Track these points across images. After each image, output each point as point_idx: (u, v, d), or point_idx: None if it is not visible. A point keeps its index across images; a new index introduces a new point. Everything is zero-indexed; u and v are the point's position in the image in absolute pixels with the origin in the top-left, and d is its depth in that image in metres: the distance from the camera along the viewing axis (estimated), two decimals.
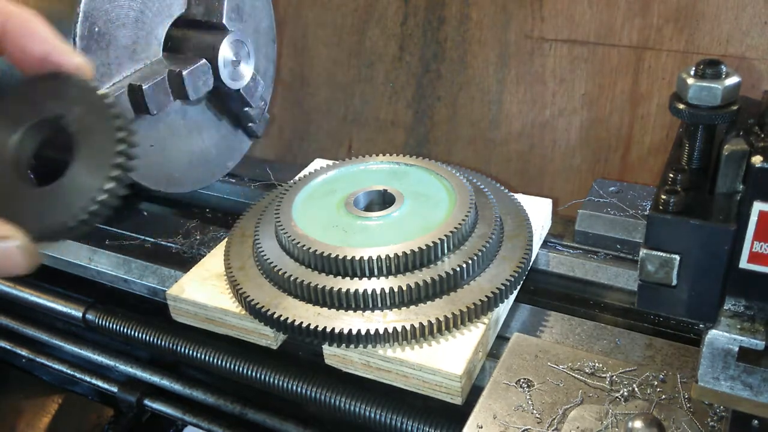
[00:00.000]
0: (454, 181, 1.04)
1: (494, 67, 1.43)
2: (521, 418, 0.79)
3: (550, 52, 1.37)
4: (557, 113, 1.40)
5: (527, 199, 1.13)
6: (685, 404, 0.79)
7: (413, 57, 1.51)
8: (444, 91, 1.50)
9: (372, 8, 1.52)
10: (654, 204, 0.58)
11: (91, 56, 1.02)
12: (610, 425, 0.77)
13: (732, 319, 0.59)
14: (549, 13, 1.35)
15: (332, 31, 1.58)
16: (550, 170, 1.45)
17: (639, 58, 1.30)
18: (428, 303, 0.90)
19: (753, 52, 1.21)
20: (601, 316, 1.03)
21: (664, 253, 0.58)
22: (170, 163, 1.23)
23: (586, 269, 1.09)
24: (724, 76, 0.59)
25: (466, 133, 1.50)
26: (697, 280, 0.59)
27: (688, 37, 1.25)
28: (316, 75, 1.63)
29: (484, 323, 0.90)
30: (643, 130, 1.35)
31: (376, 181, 1.08)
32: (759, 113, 0.59)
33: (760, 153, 0.53)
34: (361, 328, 0.86)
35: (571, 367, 0.85)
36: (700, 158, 0.63)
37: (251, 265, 1.00)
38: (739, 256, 0.56)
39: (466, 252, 0.94)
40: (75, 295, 1.24)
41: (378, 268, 0.90)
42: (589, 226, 1.11)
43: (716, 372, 0.60)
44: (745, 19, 1.20)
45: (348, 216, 1.00)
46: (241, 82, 1.24)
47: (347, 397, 0.97)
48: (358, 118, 1.61)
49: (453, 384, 0.84)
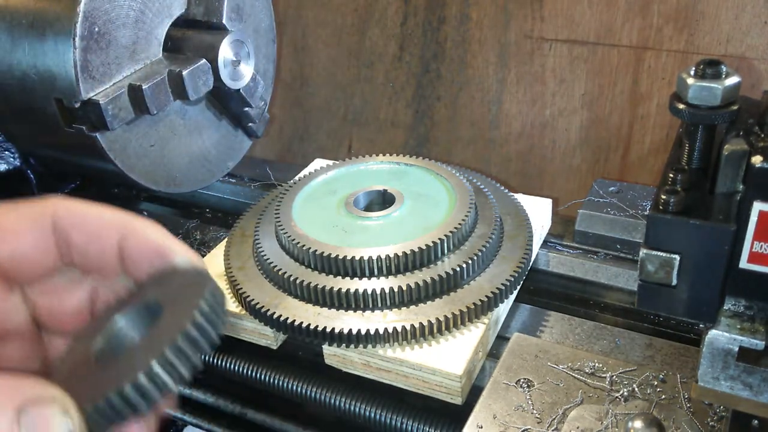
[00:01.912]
0: (454, 181, 1.04)
1: (494, 67, 1.43)
2: (521, 418, 0.79)
3: (550, 52, 1.37)
4: (557, 113, 1.40)
5: (527, 199, 1.13)
6: (685, 404, 0.79)
7: (413, 57, 1.51)
8: (444, 91, 1.50)
9: (372, 8, 1.52)
10: (654, 204, 0.58)
11: (91, 56, 1.02)
12: (610, 425, 0.77)
13: (732, 319, 0.59)
14: (549, 13, 1.35)
15: (332, 31, 1.58)
16: (550, 170, 1.45)
17: (639, 58, 1.30)
18: (428, 303, 0.90)
19: (753, 52, 1.21)
20: (601, 316, 1.03)
21: (664, 253, 0.58)
22: (170, 163, 1.23)
23: (586, 269, 1.09)
24: (724, 76, 0.59)
25: (466, 133, 1.50)
26: (697, 280, 0.59)
27: (688, 37, 1.25)
28: (316, 75, 1.63)
29: (484, 323, 0.90)
30: (643, 130, 1.35)
31: (376, 181, 1.08)
32: (759, 113, 0.59)
33: (760, 153, 0.53)
34: (361, 328, 0.86)
35: (571, 367, 0.85)
36: (700, 158, 0.63)
37: (251, 265, 1.00)
38: (739, 256, 0.56)
39: (466, 252, 0.94)
40: None
41: (378, 268, 0.90)
42: (589, 226, 1.11)
43: (716, 372, 0.60)
44: (745, 19, 1.20)
45: (348, 216, 1.00)
46: (241, 82, 1.24)
47: (347, 397, 0.97)
48: (358, 118, 1.61)
49: (453, 384, 0.84)
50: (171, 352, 0.40)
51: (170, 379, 0.40)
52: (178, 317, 0.42)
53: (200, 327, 0.42)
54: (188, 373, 0.41)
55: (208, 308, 0.43)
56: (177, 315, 0.42)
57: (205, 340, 0.42)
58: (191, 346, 0.41)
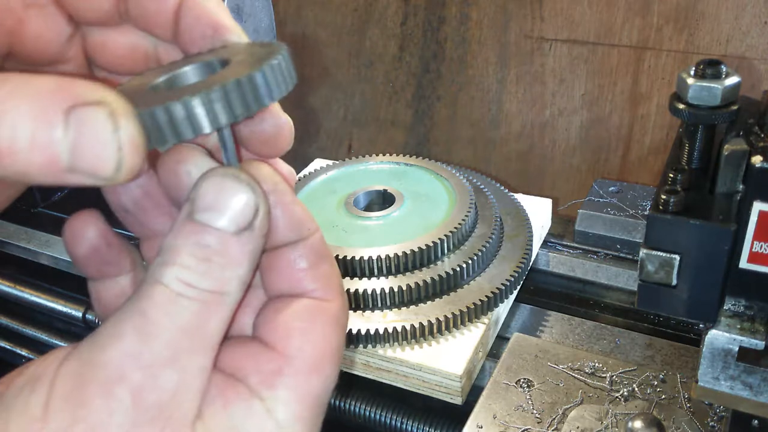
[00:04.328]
0: (454, 181, 1.04)
1: (494, 67, 1.43)
2: (521, 418, 0.79)
3: (550, 52, 1.37)
4: (557, 113, 1.40)
5: (527, 199, 1.13)
6: (685, 404, 0.79)
7: (413, 57, 1.51)
8: (444, 91, 1.50)
9: (372, 8, 1.52)
10: (654, 204, 0.58)
11: None
12: (610, 425, 0.77)
13: (732, 319, 0.59)
14: (549, 13, 1.35)
15: (332, 31, 1.58)
16: (550, 170, 1.45)
17: (639, 58, 1.30)
18: (428, 303, 0.90)
19: (753, 52, 1.21)
20: (601, 316, 1.03)
21: (664, 253, 0.58)
22: None
23: (586, 269, 1.09)
24: (724, 76, 0.59)
25: (466, 133, 1.50)
26: (697, 280, 0.59)
27: (688, 37, 1.25)
28: (316, 75, 1.63)
29: (484, 323, 0.90)
30: (643, 130, 1.35)
31: (376, 181, 1.08)
32: (759, 113, 0.59)
33: (760, 153, 0.53)
34: (361, 328, 0.86)
35: (571, 367, 0.85)
36: (700, 158, 0.63)
37: None
38: (739, 256, 0.56)
39: (466, 252, 0.94)
40: (75, 295, 1.24)
41: (378, 268, 0.90)
42: (589, 226, 1.11)
43: (716, 372, 0.60)
44: (745, 19, 1.20)
45: (348, 216, 1.00)
46: None
47: (347, 397, 0.97)
48: (358, 118, 1.61)
49: (453, 384, 0.84)
50: (216, 93, 0.38)
51: (206, 115, 0.38)
52: (240, 68, 0.40)
53: (253, 81, 0.39)
54: (226, 119, 0.38)
55: (270, 70, 0.40)
56: (241, 66, 0.40)
57: (255, 96, 0.39)
58: (240, 94, 0.38)
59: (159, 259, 0.38)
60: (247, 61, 0.41)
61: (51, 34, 0.46)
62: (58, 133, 0.33)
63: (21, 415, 0.35)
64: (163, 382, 0.36)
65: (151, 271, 0.38)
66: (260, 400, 0.39)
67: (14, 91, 0.33)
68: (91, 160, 0.34)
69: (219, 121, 0.38)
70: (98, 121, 0.34)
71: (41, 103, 0.33)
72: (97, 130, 0.33)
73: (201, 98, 0.37)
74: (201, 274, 0.37)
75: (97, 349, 0.36)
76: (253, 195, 0.39)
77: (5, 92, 0.33)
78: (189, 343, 0.37)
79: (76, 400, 0.35)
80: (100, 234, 0.46)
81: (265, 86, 0.39)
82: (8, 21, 0.44)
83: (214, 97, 0.38)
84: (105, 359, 0.35)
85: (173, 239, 0.38)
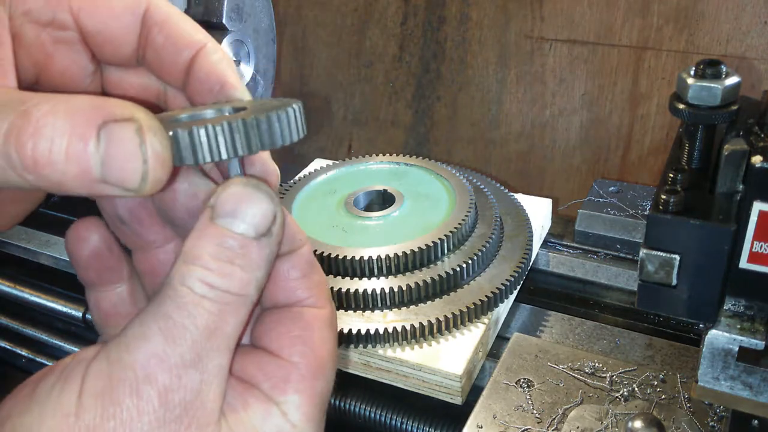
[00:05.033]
0: (454, 181, 1.04)
1: (494, 67, 1.43)
2: (521, 418, 0.79)
3: (550, 52, 1.37)
4: (557, 113, 1.40)
5: (527, 199, 1.13)
6: (685, 404, 0.79)
7: (413, 57, 1.51)
8: (444, 91, 1.50)
9: (372, 8, 1.52)
10: (654, 204, 0.58)
11: None
12: (610, 425, 0.77)
13: (732, 319, 0.59)
14: (549, 13, 1.35)
15: (332, 31, 1.57)
16: (550, 170, 1.45)
17: (639, 58, 1.30)
18: (428, 303, 0.90)
19: (753, 52, 1.21)
20: (601, 316, 1.03)
21: (664, 253, 0.58)
22: None
23: (586, 269, 1.09)
24: (724, 76, 0.59)
25: (466, 133, 1.50)
26: (697, 280, 0.59)
27: (688, 37, 1.25)
28: (316, 75, 1.63)
29: (484, 323, 0.90)
30: (643, 130, 1.34)
31: (376, 181, 1.08)
32: (759, 113, 0.59)
33: (760, 153, 0.53)
34: (361, 328, 0.86)
35: (571, 367, 0.85)
36: (700, 158, 0.63)
37: None
38: (739, 256, 0.56)
39: (466, 252, 0.94)
40: (75, 295, 1.24)
41: (378, 268, 0.90)
42: (589, 226, 1.11)
43: (716, 372, 0.60)
44: (745, 19, 1.20)
45: (348, 216, 1.00)
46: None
47: (347, 397, 0.97)
48: (358, 118, 1.61)
49: (453, 384, 0.84)
50: (237, 125, 0.41)
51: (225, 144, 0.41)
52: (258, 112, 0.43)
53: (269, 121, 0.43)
54: (243, 151, 0.41)
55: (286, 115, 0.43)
56: (258, 111, 0.43)
57: (270, 135, 0.43)
58: (259, 131, 0.42)
59: (181, 262, 0.40)
60: (263, 107, 0.44)
61: (76, 68, 0.50)
62: (91, 147, 0.35)
63: (55, 411, 0.37)
64: (187, 382, 0.38)
65: (172, 273, 0.40)
66: (275, 404, 0.42)
67: (53, 109, 0.35)
68: (119, 171, 0.36)
69: (237, 151, 0.41)
70: (126, 135, 0.36)
71: (77, 119, 0.36)
72: (125, 144, 0.36)
73: (223, 128, 0.40)
74: (223, 276, 0.40)
75: (124, 349, 0.38)
76: (271, 203, 0.42)
77: (45, 109, 0.35)
78: (210, 343, 0.39)
79: (107, 398, 0.37)
80: (103, 239, 0.49)
81: (280, 128, 0.43)
82: (39, 55, 0.48)
83: (235, 128, 0.40)
84: (132, 360, 0.38)
85: (195, 241, 0.40)
